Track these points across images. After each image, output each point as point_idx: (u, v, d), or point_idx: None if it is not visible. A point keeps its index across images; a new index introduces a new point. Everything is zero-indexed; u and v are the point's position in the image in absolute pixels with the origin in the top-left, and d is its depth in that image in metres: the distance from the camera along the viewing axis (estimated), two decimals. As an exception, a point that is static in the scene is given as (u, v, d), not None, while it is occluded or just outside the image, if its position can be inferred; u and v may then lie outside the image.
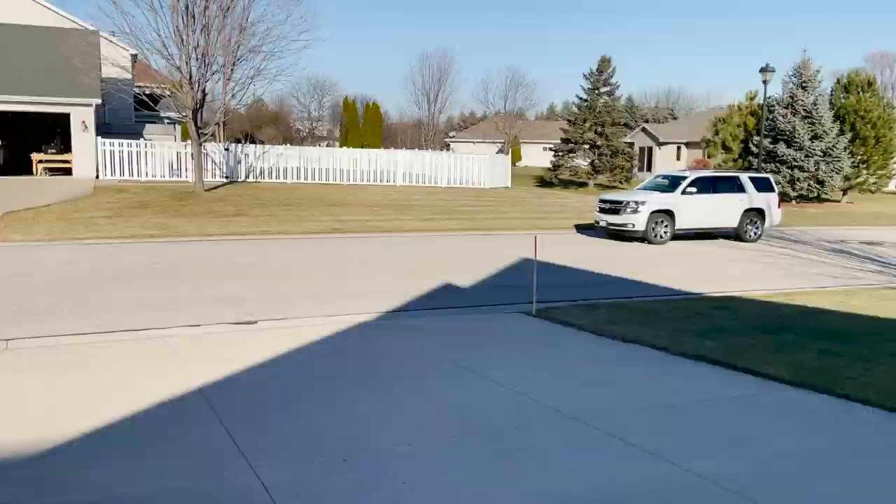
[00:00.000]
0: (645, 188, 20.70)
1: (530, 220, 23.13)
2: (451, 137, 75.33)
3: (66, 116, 26.82)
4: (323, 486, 4.34)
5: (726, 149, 38.04)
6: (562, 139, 43.10)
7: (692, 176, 19.52)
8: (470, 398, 6.13)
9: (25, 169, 27.50)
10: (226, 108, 25.65)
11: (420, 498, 4.24)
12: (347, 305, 10.08)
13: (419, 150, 42.84)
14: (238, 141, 40.73)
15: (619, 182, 41.25)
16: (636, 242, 18.51)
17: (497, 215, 23.82)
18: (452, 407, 5.89)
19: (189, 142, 26.11)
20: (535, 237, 10.83)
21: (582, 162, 41.87)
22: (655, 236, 18.35)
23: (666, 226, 18.47)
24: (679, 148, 54.37)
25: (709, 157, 44.24)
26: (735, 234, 19.81)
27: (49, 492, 4.21)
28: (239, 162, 28.49)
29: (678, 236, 18.90)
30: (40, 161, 27.39)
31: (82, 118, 26.37)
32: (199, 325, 8.68)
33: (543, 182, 44.20)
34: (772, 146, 33.26)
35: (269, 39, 23.83)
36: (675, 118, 76.95)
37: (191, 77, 22.70)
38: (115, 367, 6.86)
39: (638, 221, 18.26)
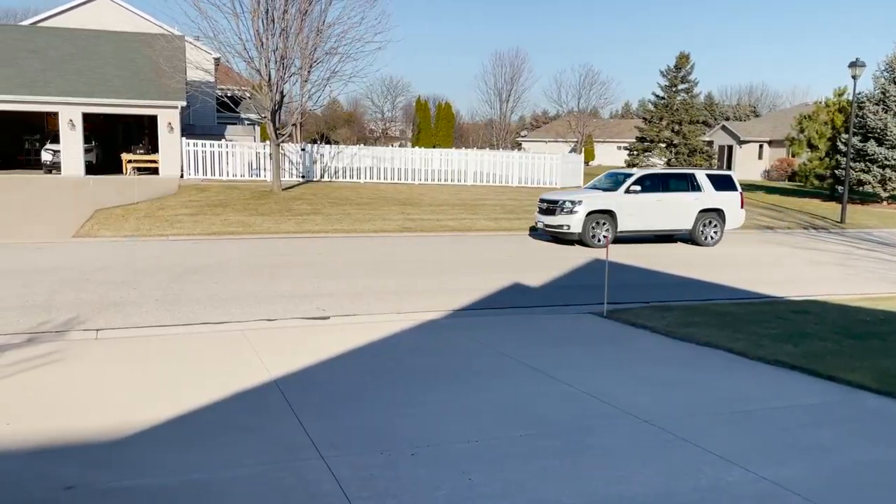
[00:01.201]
0: (590, 187, 18.93)
1: (603, 220, 22.73)
2: (522, 137, 74.93)
3: (154, 118, 28.11)
4: (391, 480, 4.41)
5: (812, 147, 36.43)
6: (637, 138, 42.26)
7: (638, 174, 17.73)
8: (536, 397, 6.10)
9: (116, 168, 28.96)
10: (302, 109, 26.33)
11: (486, 494, 4.24)
12: (417, 303, 10.18)
13: (490, 149, 42.82)
14: (314, 141, 41.74)
15: (697, 181, 40.12)
16: (577, 245, 16.78)
17: (569, 215, 23.52)
18: (518, 405, 5.87)
19: (267, 142, 26.91)
20: (608, 237, 10.64)
21: (658, 161, 40.94)
22: (594, 239, 16.50)
23: (606, 228, 16.64)
24: (761, 146, 52.40)
25: (793, 155, 42.49)
26: (690, 238, 18.04)
27: (129, 475, 4.43)
28: (314, 162, 29.18)
29: (622, 240, 17.24)
30: (129, 161, 28.78)
31: (168, 120, 27.57)
32: (273, 320, 8.95)
33: (617, 181, 43.43)
34: (861, 144, 31.64)
35: (344, 41, 24.34)
36: (757, 116, 74.22)
37: (270, 79, 23.38)
38: (194, 358, 7.15)
39: (573, 223, 16.53)
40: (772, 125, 53.00)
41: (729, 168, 53.17)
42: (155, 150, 28.98)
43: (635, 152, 41.65)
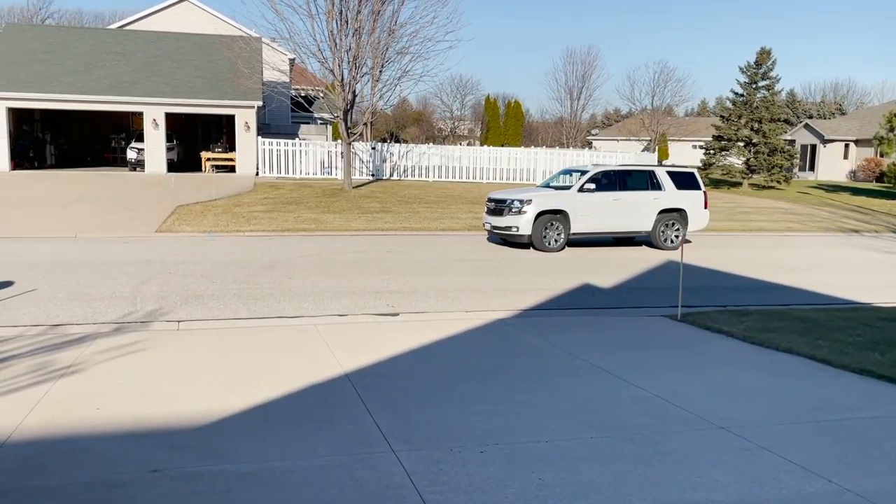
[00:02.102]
0: (545, 185, 17.70)
1: (676, 221, 22.20)
2: (593, 135, 73.86)
3: (231, 118, 29.05)
4: (461, 476, 4.43)
5: (902, 146, 34.52)
6: (714, 136, 40.96)
7: (594, 170, 16.29)
8: (608, 399, 6.01)
9: (195, 166, 30.07)
10: (373, 108, 26.69)
11: (557, 495, 4.22)
12: (485, 302, 10.19)
13: (560, 148, 42.42)
14: (383, 140, 42.28)
15: (777, 182, 38.62)
16: (528, 249, 15.63)
17: (640, 215, 23.07)
18: (589, 407, 5.80)
19: (339, 141, 27.41)
20: (682, 238, 10.39)
21: (735, 160, 39.58)
22: (546, 242, 15.29)
23: (559, 230, 15.38)
24: (847, 146, 50.09)
25: (881, 155, 40.44)
26: (649, 240, 16.68)
27: (211, 460, 4.60)
28: (384, 160, 29.56)
29: (575, 242, 16.31)
30: (208, 159, 29.83)
31: (245, 119, 28.44)
32: (345, 315, 9.12)
33: (691, 181, 42.31)
34: (958, 143, 29.83)
35: (415, 41, 24.56)
36: (842, 113, 70.97)
37: (342, 79, 23.81)
38: (269, 350, 7.36)
39: (522, 224, 15.18)
40: (859, 123, 50.57)
41: (812, 169, 51.10)
42: (232, 148, 29.95)
43: (712, 151, 40.33)
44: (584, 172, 16.34)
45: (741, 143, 39.36)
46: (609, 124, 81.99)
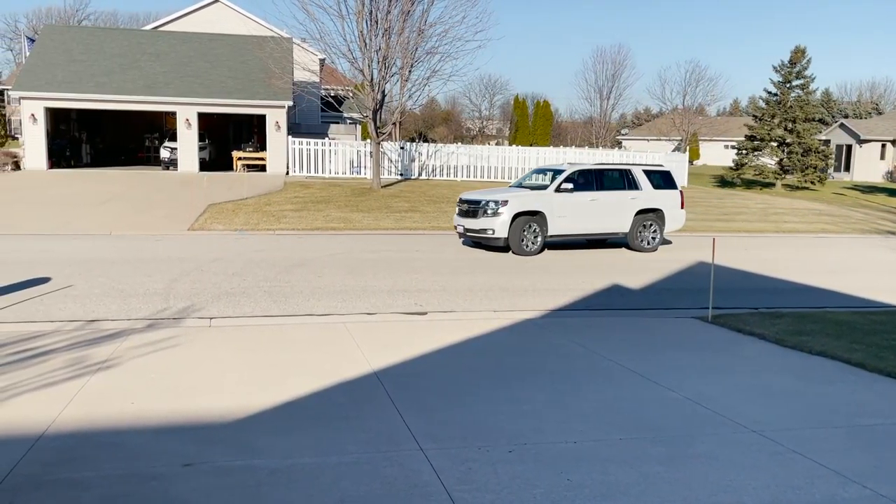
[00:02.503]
0: (518, 185, 16.92)
1: (707, 222, 21.97)
2: (623, 135, 73.27)
3: (262, 117, 29.38)
4: (489, 475, 4.44)
5: (942, 146, 33.68)
6: (746, 136, 40.36)
7: (570, 169, 15.51)
8: (637, 401, 5.97)
9: (227, 165, 30.45)
10: (402, 108, 26.78)
11: (585, 495, 4.20)
12: (513, 301, 10.18)
13: (589, 147, 42.18)
14: (412, 140, 42.38)
15: (811, 183, 37.93)
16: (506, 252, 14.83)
17: (671, 216, 22.82)
18: (618, 409, 5.77)
19: (368, 141, 27.57)
20: (714, 240, 10.28)
21: (768, 161, 38.94)
22: (524, 245, 14.54)
23: (536, 232, 14.64)
24: (884, 146, 49.02)
25: (920, 155, 39.49)
26: (625, 242, 16.00)
27: (242, 455, 4.66)
28: (412, 160, 29.66)
29: (552, 245, 15.59)
30: (239, 158, 30.18)
31: (276, 119, 28.73)
32: (373, 314, 9.17)
33: (723, 182, 41.71)
34: None
35: (445, 40, 24.57)
36: (879, 113, 69.47)
37: (372, 79, 23.94)
38: (299, 347, 7.43)
39: (498, 226, 14.34)
40: (896, 123, 49.49)
41: (847, 169, 50.11)
42: (263, 148, 30.27)
43: (744, 151, 39.74)
44: (558, 171, 15.65)
45: (774, 144, 38.73)
46: (639, 124, 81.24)
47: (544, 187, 15.36)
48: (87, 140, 32.31)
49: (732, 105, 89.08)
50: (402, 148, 29.89)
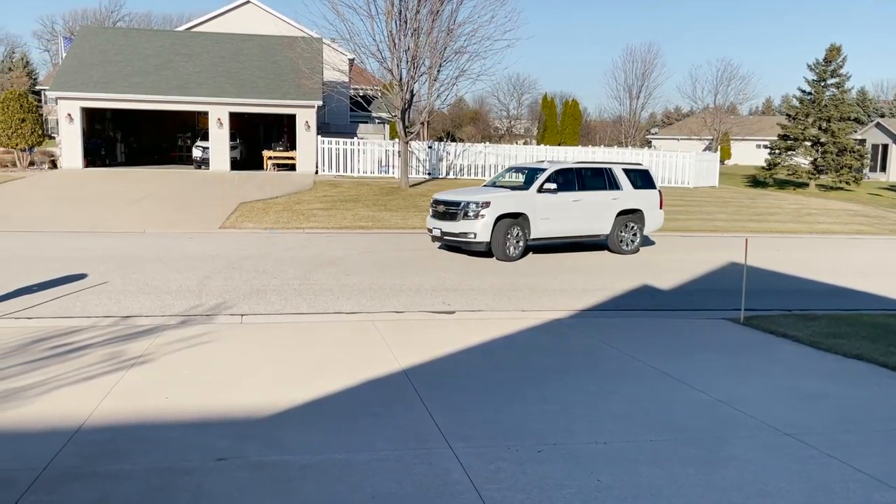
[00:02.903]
0: (492, 185, 15.90)
1: (739, 223, 21.67)
2: (652, 134, 72.57)
3: (292, 117, 29.63)
4: (518, 475, 4.44)
5: (983, 146, 32.79)
6: (779, 135, 39.71)
7: (552, 168, 14.50)
8: (667, 402, 5.92)
9: (257, 165, 30.77)
10: (430, 107, 26.82)
11: (615, 497, 4.18)
12: (542, 301, 10.15)
13: (618, 147, 41.85)
14: (439, 139, 42.46)
15: (846, 183, 37.20)
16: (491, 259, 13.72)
17: (701, 216, 22.59)
18: (648, 409, 5.72)
19: (396, 140, 27.66)
20: (746, 240, 10.14)
21: (802, 160, 38.27)
22: (507, 249, 13.49)
23: (518, 235, 13.63)
24: (921, 145, 47.91)
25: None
26: (606, 244, 15.21)
27: (275, 450, 4.72)
28: (440, 159, 29.68)
29: (534, 248, 14.51)
30: (269, 157, 30.48)
31: (306, 119, 28.96)
32: (401, 312, 9.21)
33: (756, 182, 41.09)
34: None
35: (473, 40, 24.52)
36: (917, 111, 67.85)
37: (401, 79, 24.00)
38: (328, 344, 7.49)
39: (480, 229, 13.30)
40: (935, 122, 48.31)
41: (883, 169, 49.05)
42: (293, 147, 30.54)
43: (777, 151, 39.09)
44: (538, 171, 14.66)
45: (808, 143, 38.07)
46: (669, 123, 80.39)
47: (523, 187, 14.60)
48: (121, 139, 32.90)
49: (765, 104, 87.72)
50: (429, 147, 29.93)
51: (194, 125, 33.89)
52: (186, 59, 30.24)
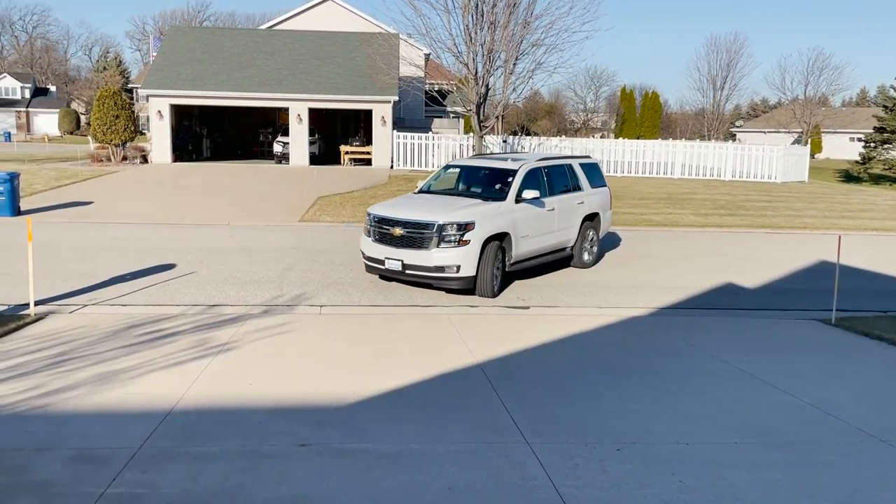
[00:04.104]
0: (426, 190, 11.79)
1: (831, 220, 20.66)
2: (737, 127, 70.08)
3: (369, 112, 30.07)
4: (596, 472, 4.38)
5: None
6: (874, 128, 37.66)
7: (523, 168, 10.82)
8: (753, 404, 5.71)
9: (334, 159, 31.39)
10: (505, 101, 26.69)
11: (698, 499, 4.07)
12: (618, 298, 9.96)
13: (700, 140, 40.60)
14: (514, 133, 42.19)
15: (947, 178, 34.95)
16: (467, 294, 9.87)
17: (790, 213, 21.66)
18: (732, 411, 5.54)
19: (471, 134, 27.67)
20: (839, 237, 9.67)
21: (897, 155, 36.19)
22: (493, 281, 9.66)
23: (499, 261, 9.89)
24: None
25: None
26: (569, 259, 11.96)
27: (354, 438, 4.82)
28: (516, 153, 29.53)
29: (510, 275, 10.51)
30: (346, 152, 31.04)
31: (382, 114, 29.34)
32: (476, 306, 9.22)
33: (849, 176, 39.10)
34: None
35: (551, 32, 24.22)
36: None
37: (476, 73, 23.97)
38: (404, 336, 7.58)
39: (465, 260, 9.37)
40: None
41: None
42: (369, 142, 31.00)
43: (872, 144, 37.07)
44: (510, 172, 10.84)
45: (907, 135, 35.92)
46: (755, 115, 77.46)
47: (495, 196, 10.50)
48: (207, 135, 34.17)
49: (859, 95, 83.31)
50: (504, 142, 29.81)
51: (275, 121, 34.83)
52: (268, 57, 31.12)
